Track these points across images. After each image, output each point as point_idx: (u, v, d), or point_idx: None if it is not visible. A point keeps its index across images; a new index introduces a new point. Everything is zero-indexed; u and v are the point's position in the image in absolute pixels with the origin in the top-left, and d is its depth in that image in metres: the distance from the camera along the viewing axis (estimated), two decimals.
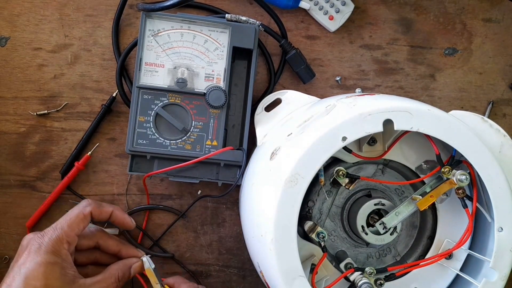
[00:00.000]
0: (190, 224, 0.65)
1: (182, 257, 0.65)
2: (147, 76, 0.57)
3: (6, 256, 0.63)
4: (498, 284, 0.47)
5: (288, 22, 0.64)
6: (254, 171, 0.54)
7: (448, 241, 0.54)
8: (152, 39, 0.57)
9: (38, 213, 0.62)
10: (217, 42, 0.58)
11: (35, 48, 0.62)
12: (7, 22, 0.62)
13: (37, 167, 0.63)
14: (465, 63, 0.67)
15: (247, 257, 0.65)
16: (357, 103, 0.48)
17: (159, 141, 0.57)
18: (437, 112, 0.47)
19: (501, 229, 0.47)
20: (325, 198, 0.55)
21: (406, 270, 0.53)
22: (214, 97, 0.57)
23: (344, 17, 0.63)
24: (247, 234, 0.52)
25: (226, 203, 0.65)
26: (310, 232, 0.51)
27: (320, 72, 0.65)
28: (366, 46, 0.65)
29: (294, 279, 0.44)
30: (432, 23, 0.66)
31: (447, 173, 0.49)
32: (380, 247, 0.56)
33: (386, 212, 0.51)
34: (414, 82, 0.66)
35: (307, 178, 0.45)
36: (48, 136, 0.63)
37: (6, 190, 0.63)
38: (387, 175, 0.56)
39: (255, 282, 0.65)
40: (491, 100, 0.67)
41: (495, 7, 0.66)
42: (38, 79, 0.62)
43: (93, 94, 0.63)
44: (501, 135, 0.52)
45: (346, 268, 0.52)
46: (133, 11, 0.63)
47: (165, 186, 0.64)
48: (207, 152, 0.57)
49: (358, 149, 0.53)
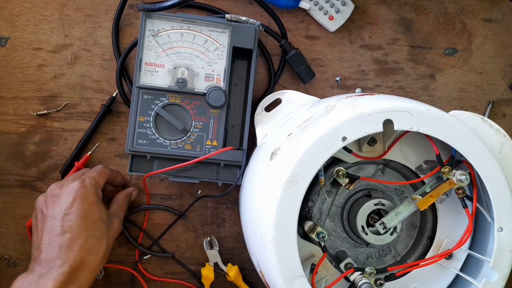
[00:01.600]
0: (190, 224, 0.65)
1: (182, 257, 0.65)
2: (147, 76, 0.57)
3: (6, 256, 0.63)
4: (498, 284, 0.47)
5: (288, 22, 0.64)
6: (254, 171, 0.54)
7: (448, 241, 0.54)
8: (152, 39, 0.57)
9: None
10: (217, 42, 0.58)
11: (35, 48, 0.62)
12: (7, 22, 0.62)
13: (37, 167, 0.63)
14: (465, 63, 0.67)
15: (247, 257, 0.65)
16: (357, 103, 0.48)
17: (159, 141, 0.57)
18: (437, 112, 0.47)
19: (501, 229, 0.47)
20: (325, 198, 0.55)
21: (406, 270, 0.53)
22: (214, 97, 0.57)
23: (344, 17, 0.63)
24: (247, 234, 0.52)
25: (226, 203, 0.65)
26: (310, 232, 0.51)
27: (320, 72, 0.65)
28: (366, 46, 0.65)
29: (294, 279, 0.44)
30: (432, 23, 0.66)
31: (447, 173, 0.49)
32: (380, 247, 0.56)
33: (386, 212, 0.52)
34: (414, 82, 0.66)
35: (307, 178, 0.45)
36: (48, 136, 0.63)
37: (6, 190, 0.63)
38: (387, 175, 0.56)
39: (255, 282, 0.65)
40: (491, 100, 0.67)
41: (495, 7, 0.67)
42: (38, 79, 0.62)
43: (93, 94, 0.63)
44: (501, 135, 0.52)
45: (346, 268, 0.52)
46: (133, 11, 0.63)
47: (165, 186, 0.64)
48: (207, 152, 0.57)
49: (358, 149, 0.53)
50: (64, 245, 0.50)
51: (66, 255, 0.50)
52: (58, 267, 0.49)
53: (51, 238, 0.50)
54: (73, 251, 0.50)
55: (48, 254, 0.49)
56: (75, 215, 0.51)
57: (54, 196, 0.53)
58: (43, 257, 0.49)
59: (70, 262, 0.49)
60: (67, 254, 0.50)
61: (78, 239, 0.50)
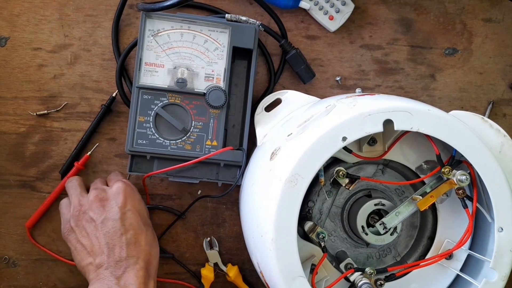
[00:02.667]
0: (190, 224, 0.65)
1: (182, 257, 0.65)
2: (147, 76, 0.57)
3: (6, 256, 0.63)
4: (498, 284, 0.47)
5: (288, 22, 0.64)
6: (254, 171, 0.54)
7: (448, 241, 0.54)
8: (152, 39, 0.57)
9: (38, 213, 0.62)
10: (217, 42, 0.58)
11: (35, 48, 0.62)
12: (7, 22, 0.62)
13: (37, 167, 0.63)
14: (465, 63, 0.67)
15: (247, 257, 0.65)
16: (357, 103, 0.48)
17: (159, 141, 0.57)
18: (437, 112, 0.47)
19: (501, 229, 0.47)
20: (325, 198, 0.55)
21: (406, 270, 0.53)
22: (214, 97, 0.57)
23: (344, 17, 0.63)
24: (247, 234, 0.52)
25: (226, 203, 0.65)
26: (310, 232, 0.51)
27: (320, 72, 0.65)
28: (366, 46, 0.65)
29: (294, 279, 0.44)
30: (432, 23, 0.66)
31: (447, 173, 0.49)
32: (380, 248, 0.56)
33: (386, 212, 0.51)
34: (414, 82, 0.66)
35: (307, 178, 0.45)
36: (48, 136, 0.63)
37: (6, 190, 0.63)
38: (387, 175, 0.56)
39: (255, 282, 0.65)
40: (491, 100, 0.67)
41: (495, 7, 0.66)
42: (38, 79, 0.62)
43: (93, 94, 0.63)
44: (501, 135, 0.52)
45: (346, 269, 0.52)
46: (133, 11, 0.63)
47: (165, 186, 0.64)
48: (207, 152, 0.57)
49: (358, 149, 0.53)
50: (131, 242, 0.50)
51: (136, 251, 0.50)
52: (134, 264, 0.49)
53: (114, 239, 0.50)
54: (141, 246, 0.51)
55: (117, 255, 0.50)
56: (131, 213, 0.52)
57: (102, 200, 0.53)
58: (111, 260, 0.49)
59: (142, 257, 0.50)
60: (137, 250, 0.50)
61: (140, 234, 0.51)
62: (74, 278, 0.63)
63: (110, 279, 0.48)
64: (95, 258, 0.50)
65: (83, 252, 0.52)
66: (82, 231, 0.53)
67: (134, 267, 0.49)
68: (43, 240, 0.63)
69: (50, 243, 0.63)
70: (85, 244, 0.52)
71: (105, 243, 0.50)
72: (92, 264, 0.50)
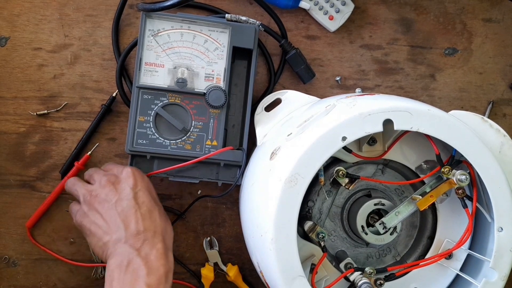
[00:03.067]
0: (190, 224, 0.65)
1: (182, 256, 0.65)
2: (147, 76, 0.57)
3: (6, 256, 0.63)
4: (498, 284, 0.47)
5: (288, 22, 0.64)
6: (254, 171, 0.54)
7: (448, 241, 0.54)
8: (152, 39, 0.57)
9: (38, 213, 0.62)
10: (217, 42, 0.58)
11: (35, 48, 0.62)
12: (7, 22, 0.62)
13: (37, 167, 0.63)
14: (465, 63, 0.67)
15: (247, 257, 0.65)
16: (357, 103, 0.48)
17: (159, 141, 0.57)
18: (437, 112, 0.47)
19: (501, 229, 0.47)
20: (325, 198, 0.55)
21: (406, 270, 0.53)
22: (214, 97, 0.57)
23: (344, 17, 0.63)
24: (247, 234, 0.52)
25: (226, 203, 0.65)
26: (310, 232, 0.51)
27: (320, 72, 0.65)
28: (366, 46, 0.65)
29: (294, 279, 0.44)
30: (432, 23, 0.66)
31: (447, 173, 0.49)
32: (380, 247, 0.56)
33: (386, 212, 0.51)
34: (414, 82, 0.66)
35: (307, 178, 0.45)
36: (48, 136, 0.63)
37: (6, 190, 0.63)
38: (387, 175, 0.56)
39: (255, 282, 0.65)
40: (491, 100, 0.67)
41: (495, 7, 0.66)
42: (38, 79, 0.62)
43: (93, 94, 0.63)
44: (501, 135, 0.52)
45: (346, 268, 0.52)
46: (133, 11, 0.63)
47: (165, 186, 0.64)
48: (207, 152, 0.57)
49: (358, 149, 0.53)
50: (146, 217, 0.51)
51: (153, 224, 0.51)
52: (152, 237, 0.50)
53: (129, 216, 0.51)
54: (156, 220, 0.52)
55: (134, 229, 0.50)
56: (143, 192, 0.53)
57: (114, 183, 0.53)
58: (129, 234, 0.50)
59: (159, 230, 0.51)
60: (154, 224, 0.51)
61: (153, 210, 0.52)
62: (74, 278, 0.63)
63: (131, 251, 0.48)
64: (112, 235, 0.50)
65: (99, 232, 0.52)
66: (95, 214, 0.53)
67: (153, 240, 0.50)
68: (43, 240, 0.63)
69: (50, 243, 0.63)
70: (100, 224, 0.52)
71: (121, 220, 0.51)
72: (110, 242, 0.50)
